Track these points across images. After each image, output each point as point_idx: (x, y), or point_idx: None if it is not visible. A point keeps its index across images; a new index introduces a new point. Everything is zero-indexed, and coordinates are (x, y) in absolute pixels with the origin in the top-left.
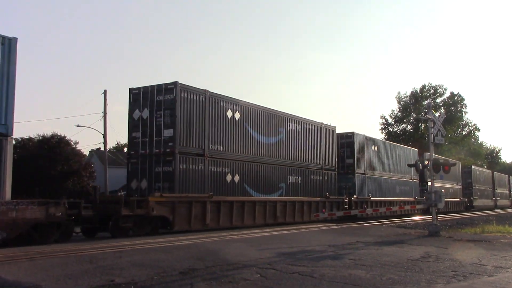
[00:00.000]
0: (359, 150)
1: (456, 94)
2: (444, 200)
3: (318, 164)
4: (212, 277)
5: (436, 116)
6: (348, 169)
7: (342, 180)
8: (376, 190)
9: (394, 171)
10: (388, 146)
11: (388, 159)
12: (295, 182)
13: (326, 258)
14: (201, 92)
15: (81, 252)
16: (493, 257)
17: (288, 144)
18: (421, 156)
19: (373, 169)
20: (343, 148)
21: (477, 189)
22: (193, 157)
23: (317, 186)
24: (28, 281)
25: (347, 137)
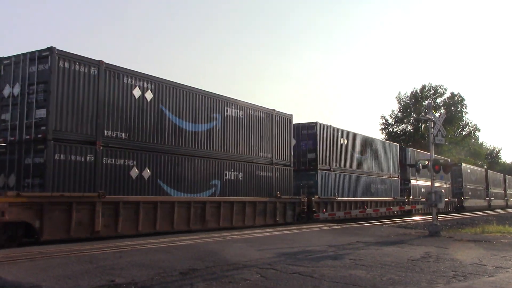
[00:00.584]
0: (324, 143)
1: (456, 94)
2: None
3: (267, 158)
4: (212, 277)
5: (436, 116)
6: (310, 165)
7: (302, 177)
8: (345, 189)
9: (369, 168)
10: (362, 139)
11: (362, 154)
12: (235, 179)
13: (326, 258)
14: (93, 63)
15: (81, 252)
16: (493, 257)
17: (225, 132)
18: (402, 151)
19: (342, 165)
20: (305, 141)
21: (468, 188)
22: (77, 145)
23: (266, 184)
24: (28, 282)
25: (309, 127)
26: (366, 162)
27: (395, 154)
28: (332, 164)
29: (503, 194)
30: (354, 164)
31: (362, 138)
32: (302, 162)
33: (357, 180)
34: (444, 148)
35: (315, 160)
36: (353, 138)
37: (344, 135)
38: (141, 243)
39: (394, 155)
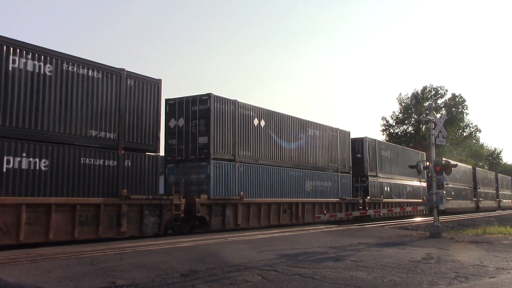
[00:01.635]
0: (223, 123)
1: (457, 96)
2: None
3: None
4: (213, 279)
5: (437, 117)
6: (201, 154)
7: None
8: (261, 186)
9: (302, 160)
10: (291, 122)
11: (290, 141)
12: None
13: (327, 260)
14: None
15: (83, 254)
16: (494, 259)
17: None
18: (358, 141)
19: (255, 155)
20: (195, 120)
21: (450, 188)
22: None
23: None
24: (29, 283)
25: (200, 101)
26: (298, 151)
27: (345, 144)
28: (238, 152)
29: (494, 195)
30: (278, 154)
31: (292, 121)
32: (192, 149)
33: (283, 175)
34: (445, 149)
35: (207, 146)
36: (276, 120)
37: (260, 115)
38: (142, 244)
39: (344, 145)
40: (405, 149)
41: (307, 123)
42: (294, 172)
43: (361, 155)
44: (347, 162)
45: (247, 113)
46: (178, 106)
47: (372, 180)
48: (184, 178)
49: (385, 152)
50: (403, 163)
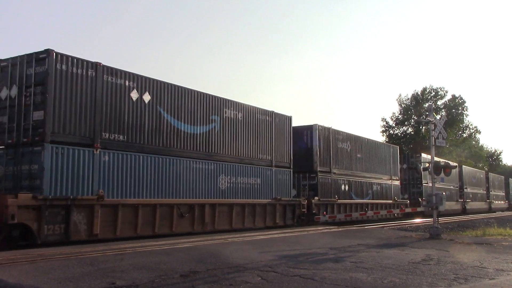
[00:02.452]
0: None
1: (457, 97)
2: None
3: None
4: (213, 280)
5: (437, 118)
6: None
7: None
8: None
9: (213, 149)
10: (188, 96)
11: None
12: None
13: (327, 261)
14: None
15: (82, 255)
16: (494, 260)
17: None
18: (307, 130)
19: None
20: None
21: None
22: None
23: None
24: (29, 284)
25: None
26: (208, 138)
27: (284, 132)
28: (101, 134)
29: (484, 195)
30: (174, 141)
31: (198, 98)
32: (24, 128)
33: (181, 168)
34: (445, 150)
35: (42, 124)
36: (171, 95)
37: (143, 86)
38: (142, 245)
39: (283, 133)
40: (372, 142)
41: (224, 102)
42: (201, 164)
43: (310, 146)
44: (286, 154)
45: (119, 82)
46: (11, 69)
47: (324, 177)
48: (14, 170)
49: (343, 143)
50: (369, 157)
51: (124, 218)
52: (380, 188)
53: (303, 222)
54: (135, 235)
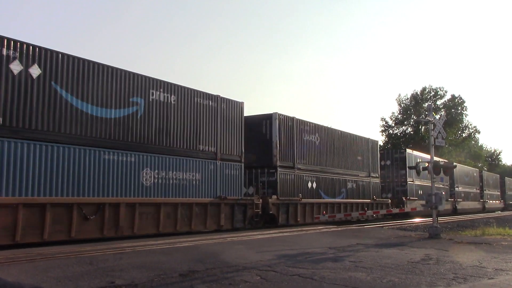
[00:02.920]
0: None
1: (456, 97)
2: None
3: None
4: (212, 279)
5: (436, 118)
6: None
7: None
8: None
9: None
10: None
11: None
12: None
13: (326, 260)
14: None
15: (82, 254)
16: (493, 260)
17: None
18: (266, 120)
19: None
20: None
21: (418, 186)
22: None
23: None
24: (28, 283)
25: None
26: (128, 124)
27: (234, 121)
28: None
29: (477, 195)
30: (75, 125)
31: (112, 75)
32: None
33: (86, 159)
34: (444, 150)
35: None
36: (73, 69)
37: (29, 56)
38: (141, 244)
39: (232, 122)
40: (348, 135)
41: (151, 82)
42: (116, 155)
43: (269, 138)
44: (236, 146)
45: None
46: None
47: (285, 172)
48: None
49: (311, 136)
50: (343, 151)
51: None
52: (356, 186)
53: (257, 225)
54: (14, 243)
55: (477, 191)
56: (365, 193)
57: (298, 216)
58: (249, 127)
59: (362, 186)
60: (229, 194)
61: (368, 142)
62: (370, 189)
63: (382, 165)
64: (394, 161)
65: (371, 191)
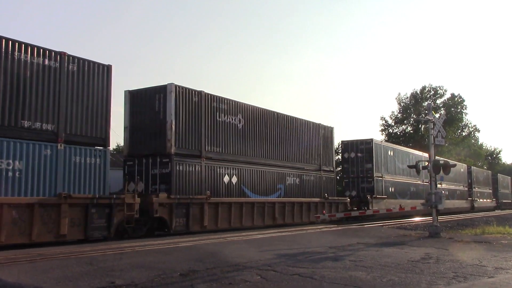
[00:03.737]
0: None
1: (456, 96)
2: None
3: None
4: (212, 279)
5: (436, 117)
6: None
7: None
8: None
9: None
10: None
11: None
12: None
13: (326, 260)
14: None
15: (81, 254)
16: (493, 258)
17: None
18: (159, 93)
19: None
20: None
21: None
22: None
23: None
24: (28, 283)
25: None
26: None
27: (93, 86)
28: None
29: (465, 193)
30: None
31: None
32: None
33: None
34: (444, 149)
35: None
36: None
37: None
38: (141, 244)
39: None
40: (289, 118)
41: None
42: None
43: (163, 117)
44: (92, 123)
45: None
46: None
47: (185, 162)
48: None
49: (229, 116)
50: (282, 139)
51: None
52: (300, 182)
53: (135, 233)
54: None
55: (465, 188)
56: (314, 191)
57: (206, 220)
58: (140, 103)
59: (310, 182)
60: (74, 190)
61: (319, 128)
62: (321, 186)
63: (345, 158)
64: (359, 153)
65: (323, 188)
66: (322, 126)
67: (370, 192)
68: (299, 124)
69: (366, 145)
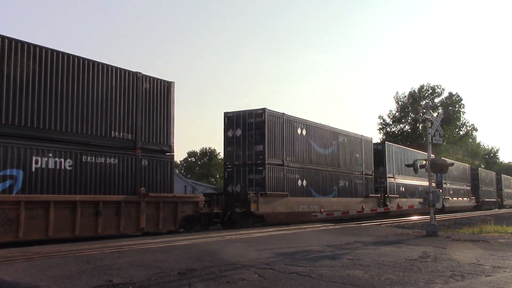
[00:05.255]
0: None
1: (454, 94)
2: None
3: None
4: (211, 278)
5: (434, 116)
6: None
7: None
8: None
9: None
10: None
11: None
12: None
13: (324, 258)
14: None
15: (79, 252)
16: (491, 257)
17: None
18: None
19: None
20: None
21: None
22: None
23: None
24: (26, 282)
25: None
26: None
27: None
28: None
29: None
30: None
31: None
32: None
33: None
34: (442, 148)
35: None
36: None
37: None
38: (138, 243)
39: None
40: None
41: None
42: None
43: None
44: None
45: None
46: None
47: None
48: None
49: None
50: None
51: None
52: (464, 192)
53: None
54: None
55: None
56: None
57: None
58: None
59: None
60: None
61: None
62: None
63: (229, 137)
64: (248, 131)
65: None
66: None
67: (260, 184)
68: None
69: (257, 117)
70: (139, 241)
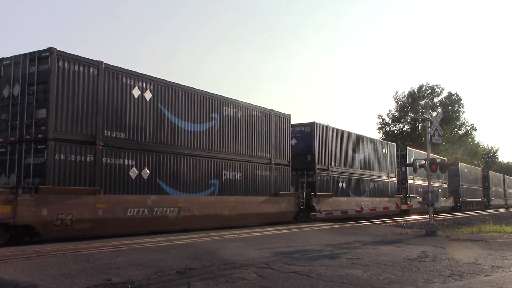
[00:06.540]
0: None
1: (453, 94)
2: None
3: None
4: (209, 277)
5: (433, 115)
6: None
7: None
8: None
9: None
10: None
11: None
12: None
13: (323, 258)
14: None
15: (78, 251)
16: (490, 257)
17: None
18: None
19: None
20: None
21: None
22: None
23: None
24: (24, 281)
25: None
26: None
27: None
28: None
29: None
30: None
31: None
32: None
33: None
34: (441, 147)
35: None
36: None
37: None
38: (138, 242)
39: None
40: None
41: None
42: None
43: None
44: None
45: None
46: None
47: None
48: None
49: None
50: None
51: None
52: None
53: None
54: None
55: (390, 179)
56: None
57: None
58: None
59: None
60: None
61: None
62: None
63: None
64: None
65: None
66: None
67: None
68: None
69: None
70: (138, 240)
